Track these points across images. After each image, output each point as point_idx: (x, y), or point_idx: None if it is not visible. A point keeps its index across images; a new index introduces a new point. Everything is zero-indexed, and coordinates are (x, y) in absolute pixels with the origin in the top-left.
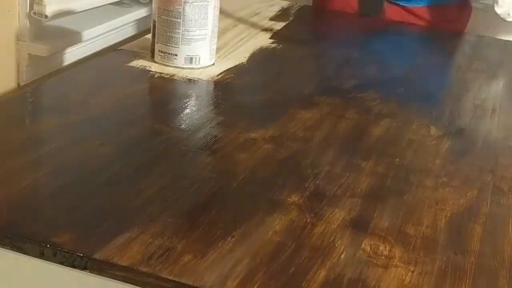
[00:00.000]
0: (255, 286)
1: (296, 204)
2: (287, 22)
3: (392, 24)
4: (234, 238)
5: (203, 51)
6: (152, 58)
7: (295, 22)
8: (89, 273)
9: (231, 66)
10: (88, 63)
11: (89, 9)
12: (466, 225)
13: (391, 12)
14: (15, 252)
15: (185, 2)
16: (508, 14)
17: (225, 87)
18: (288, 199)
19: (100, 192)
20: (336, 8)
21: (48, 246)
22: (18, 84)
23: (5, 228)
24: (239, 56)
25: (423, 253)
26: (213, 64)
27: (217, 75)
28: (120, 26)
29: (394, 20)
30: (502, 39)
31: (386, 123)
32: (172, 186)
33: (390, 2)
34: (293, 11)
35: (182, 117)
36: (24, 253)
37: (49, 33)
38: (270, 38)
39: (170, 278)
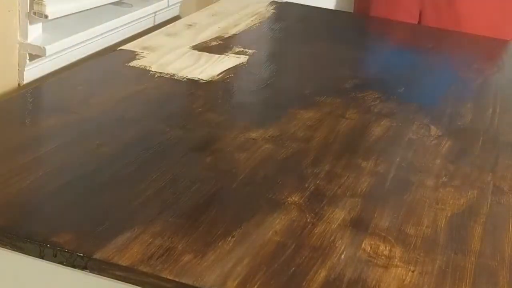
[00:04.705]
0: (255, 286)
1: (296, 204)
2: (287, 22)
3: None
4: (234, 238)
5: None
6: None
7: (295, 22)
8: (89, 273)
9: (231, 66)
10: (88, 63)
11: (89, 9)
12: (466, 225)
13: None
14: (15, 252)
15: None
16: None
17: (225, 87)
18: (288, 199)
19: (100, 192)
20: (382, 15)
21: (48, 246)
22: (18, 84)
23: (5, 228)
24: (239, 56)
25: (423, 253)
26: None
27: (217, 75)
28: (120, 26)
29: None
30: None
31: (386, 123)
32: (172, 186)
33: None
34: (292, 11)
35: (182, 117)
36: (24, 253)
37: (49, 32)
38: (270, 38)
39: (170, 278)
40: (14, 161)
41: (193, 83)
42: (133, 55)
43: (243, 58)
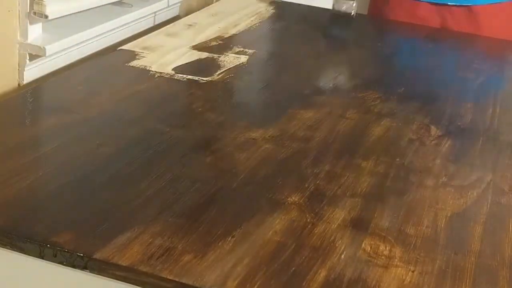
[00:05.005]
0: (255, 286)
1: (296, 204)
2: (287, 22)
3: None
4: (234, 238)
5: None
6: None
7: (295, 22)
8: (89, 273)
9: (231, 66)
10: (88, 63)
11: (89, 9)
12: (466, 225)
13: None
14: (15, 252)
15: None
16: None
17: (225, 87)
18: (288, 199)
19: (100, 192)
20: (397, 18)
21: (48, 246)
22: (18, 84)
23: (5, 228)
24: (239, 56)
25: (423, 253)
26: None
27: (217, 75)
28: (120, 26)
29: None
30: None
31: (386, 123)
32: (172, 186)
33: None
34: (292, 11)
35: (182, 117)
36: (24, 253)
37: (49, 33)
38: (270, 38)
39: (170, 278)
40: (14, 161)
41: (193, 83)
42: (133, 55)
43: (243, 58)
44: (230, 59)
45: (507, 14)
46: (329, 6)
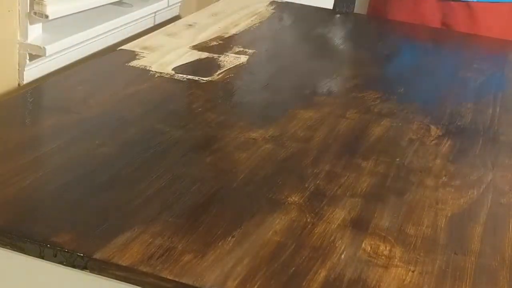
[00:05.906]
0: (255, 286)
1: (296, 204)
2: (287, 22)
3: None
4: (234, 238)
5: None
6: None
7: (295, 22)
8: (89, 273)
9: (231, 66)
10: (88, 63)
11: (89, 9)
12: (466, 225)
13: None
14: (15, 252)
15: None
16: None
17: (225, 87)
18: (288, 199)
19: (100, 192)
20: (397, 15)
21: (48, 246)
22: (19, 84)
23: (5, 228)
24: (239, 56)
25: (423, 253)
26: None
27: (217, 75)
28: (120, 26)
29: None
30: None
31: (386, 123)
32: (172, 186)
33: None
34: (292, 11)
35: (182, 117)
36: (24, 253)
37: (49, 33)
38: (270, 38)
39: (170, 278)
40: (14, 161)
41: (193, 83)
42: (133, 55)
43: (243, 58)
44: (230, 59)
45: (505, 13)
46: (329, 6)
